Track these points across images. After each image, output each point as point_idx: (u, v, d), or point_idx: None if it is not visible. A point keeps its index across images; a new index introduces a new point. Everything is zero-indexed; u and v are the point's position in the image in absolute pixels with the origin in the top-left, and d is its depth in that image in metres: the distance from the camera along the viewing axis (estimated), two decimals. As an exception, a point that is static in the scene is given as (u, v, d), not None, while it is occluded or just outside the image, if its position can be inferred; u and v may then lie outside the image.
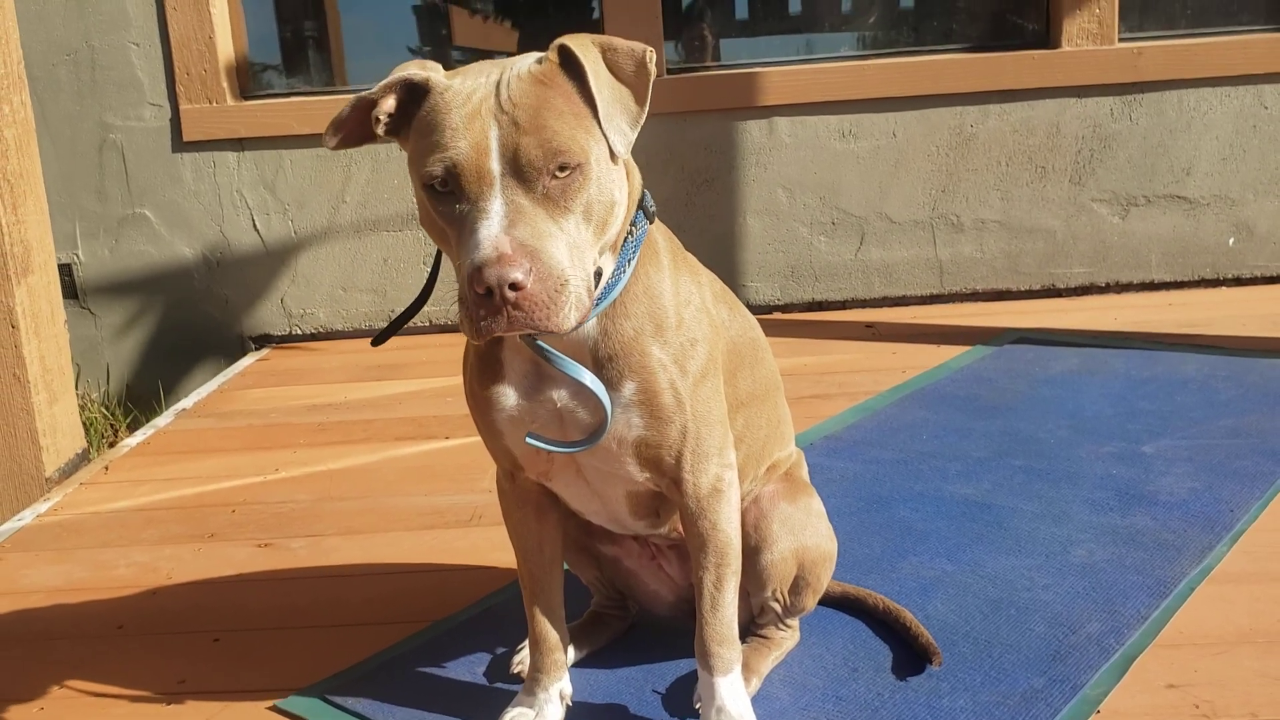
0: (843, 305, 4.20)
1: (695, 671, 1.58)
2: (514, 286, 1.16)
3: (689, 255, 1.53)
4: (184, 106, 4.07)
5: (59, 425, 2.95)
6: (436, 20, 4.48)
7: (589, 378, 1.37)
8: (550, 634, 1.60)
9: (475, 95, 1.23)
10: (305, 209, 4.17)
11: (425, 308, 4.36)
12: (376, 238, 4.18)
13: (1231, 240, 4.10)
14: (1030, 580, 1.97)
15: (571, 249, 1.21)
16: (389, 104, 1.30)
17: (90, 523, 2.58)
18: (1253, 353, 3.24)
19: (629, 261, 1.37)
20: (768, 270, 4.16)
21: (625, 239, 1.37)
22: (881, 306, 4.19)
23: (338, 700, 1.72)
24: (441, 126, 1.23)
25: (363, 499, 2.61)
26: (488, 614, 1.97)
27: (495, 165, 1.20)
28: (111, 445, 3.82)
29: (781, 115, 4.06)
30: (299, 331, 4.26)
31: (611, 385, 1.38)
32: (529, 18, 4.52)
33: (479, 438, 1.53)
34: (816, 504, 1.70)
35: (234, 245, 4.19)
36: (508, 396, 1.42)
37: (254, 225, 4.18)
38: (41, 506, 2.71)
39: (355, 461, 2.88)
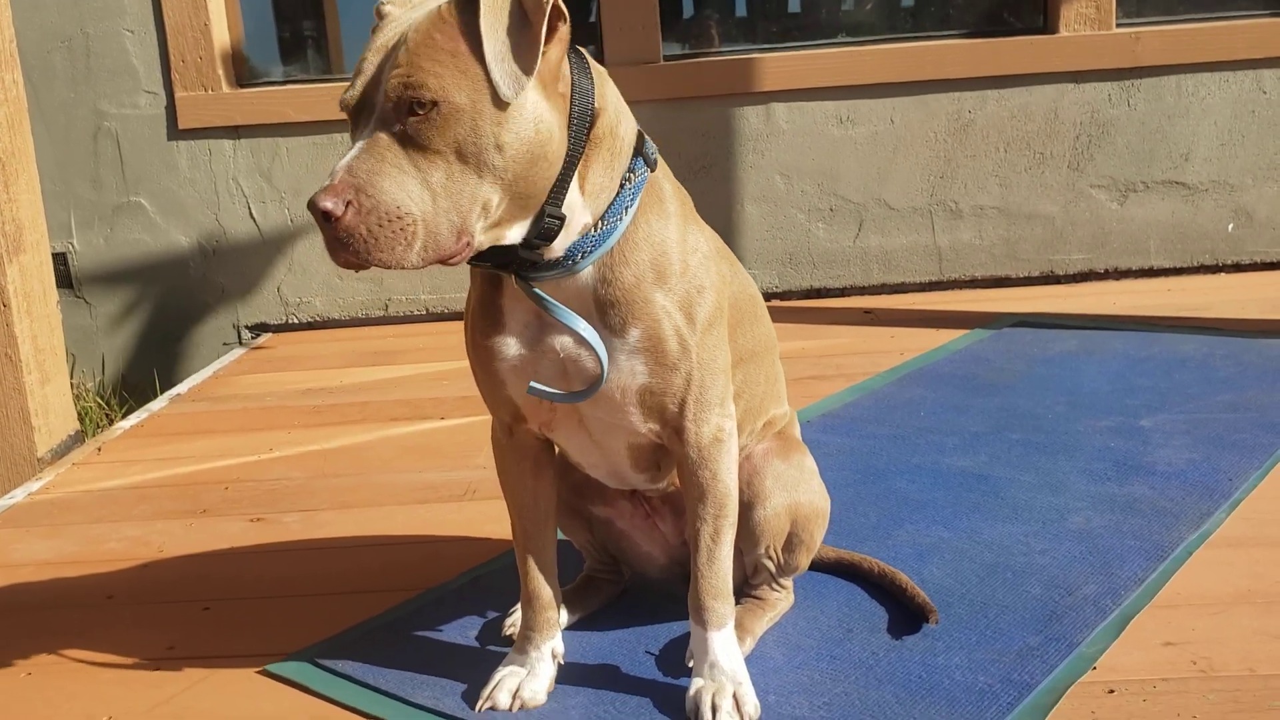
0: (841, 292, 4.19)
1: (688, 633, 1.56)
2: (327, 217, 1.17)
3: (692, 207, 1.52)
4: (179, 94, 4.07)
5: (51, 406, 2.94)
6: (434, 13, 4.46)
7: (584, 326, 1.36)
8: (543, 591, 1.59)
9: (393, 29, 1.25)
10: (301, 197, 4.15)
11: (421, 295, 4.33)
12: (373, 226, 4.16)
13: (1230, 226, 4.09)
14: (1027, 546, 1.95)
15: (429, 189, 1.20)
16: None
17: (82, 500, 2.57)
18: (1251, 333, 3.23)
19: (626, 209, 1.36)
20: (766, 257, 4.15)
21: (623, 185, 1.36)
22: (880, 293, 4.17)
23: (328, 663, 1.71)
24: (360, 59, 1.26)
25: (357, 476, 2.60)
26: (479, 582, 1.96)
27: (376, 98, 1.22)
28: (105, 431, 3.80)
29: (779, 101, 4.05)
30: (295, 320, 4.24)
31: (615, 332, 1.37)
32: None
33: (473, 418, 1.53)
34: (809, 461, 1.69)
35: (230, 233, 4.18)
36: (510, 345, 1.41)
37: (250, 213, 4.17)
38: (33, 485, 2.69)
39: (350, 441, 2.86)
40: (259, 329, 4.25)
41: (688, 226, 1.43)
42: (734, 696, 1.47)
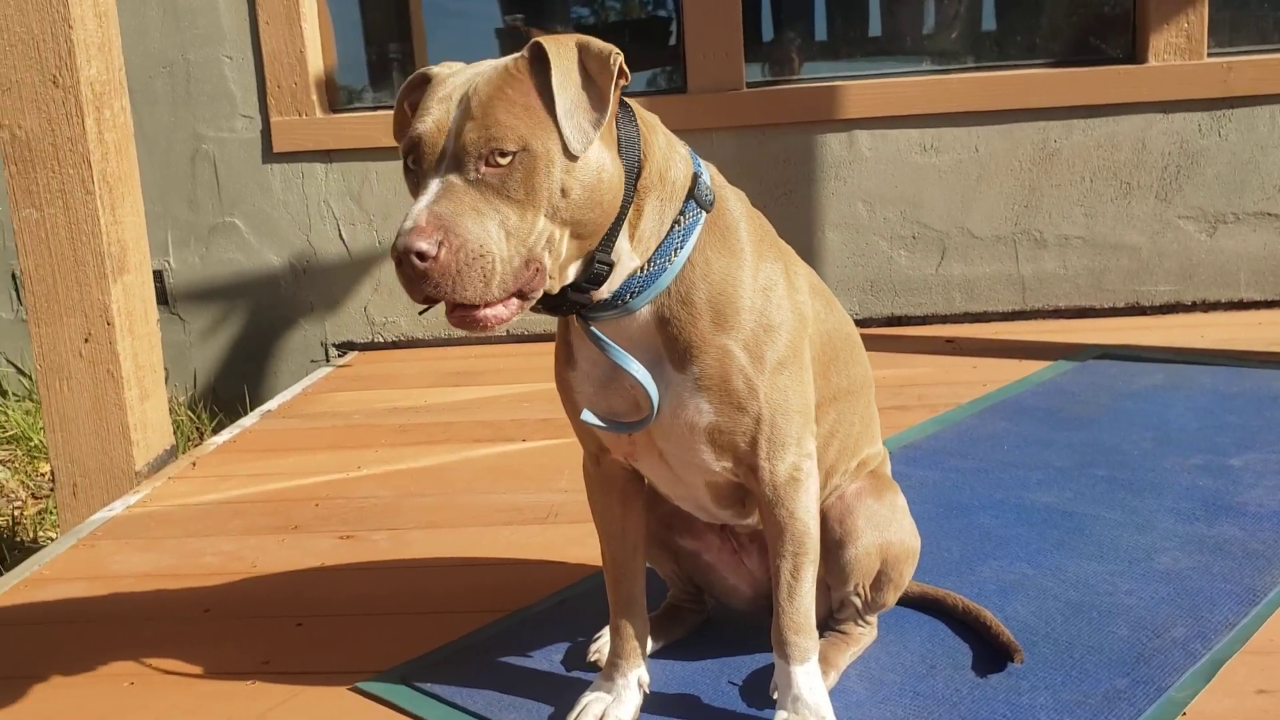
0: (923, 320, 4.17)
1: (772, 664, 1.58)
2: (420, 256, 1.21)
3: (783, 244, 1.54)
4: (274, 119, 4.19)
5: (149, 421, 3.04)
6: (518, 42, 4.53)
7: (635, 365, 1.40)
8: (631, 620, 1.61)
9: (455, 83, 1.31)
10: (389, 220, 4.25)
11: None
12: (457, 248, 4.24)
13: (1325, 259, 4.00)
14: (1113, 585, 1.94)
15: (504, 229, 1.26)
16: (415, 96, 1.38)
17: (178, 514, 2.65)
18: (1347, 370, 3.16)
19: (675, 250, 1.38)
20: (846, 284, 4.14)
21: (673, 227, 1.39)
22: (962, 322, 4.15)
23: (417, 682, 1.75)
24: (421, 108, 1.31)
25: (442, 496, 2.65)
26: (565, 605, 1.99)
27: (447, 145, 1.27)
28: (197, 446, 3.91)
29: (862, 128, 4.06)
30: (381, 339, 4.33)
31: (680, 369, 1.41)
32: (609, 41, 4.57)
33: (555, 441, 1.56)
34: (901, 500, 1.70)
35: (320, 254, 4.29)
36: (583, 379, 1.47)
37: (340, 235, 4.27)
38: (131, 498, 2.79)
39: (435, 461, 2.92)
40: (345, 347, 4.35)
41: (760, 263, 1.44)
42: None
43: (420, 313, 1.40)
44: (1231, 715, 1.56)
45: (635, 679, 1.62)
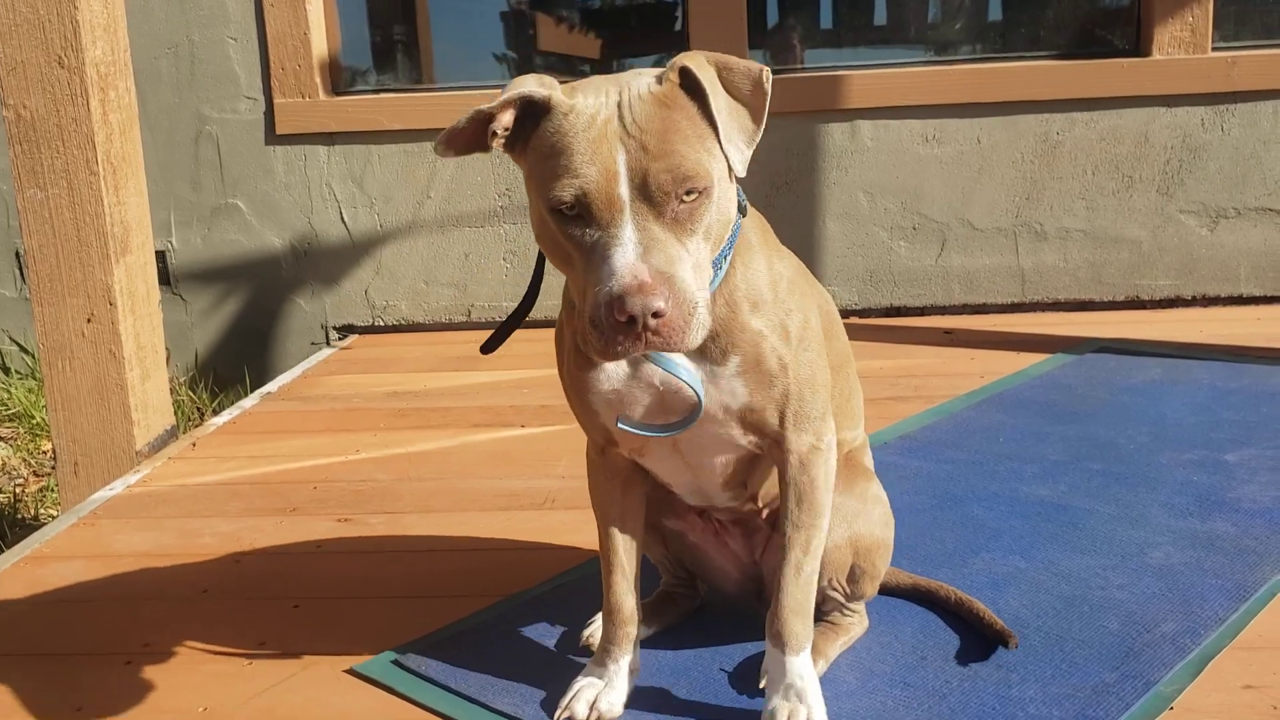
0: (921, 311, 4.18)
1: (762, 652, 1.59)
2: (655, 314, 1.19)
3: (772, 233, 1.56)
4: (278, 100, 4.19)
5: (150, 401, 3.05)
6: (524, 25, 4.54)
7: (684, 369, 1.42)
8: (625, 606, 1.63)
9: (599, 117, 1.25)
10: (391, 203, 4.25)
11: (503, 303, 4.40)
12: (459, 233, 4.25)
13: (1325, 255, 4.01)
14: (1105, 579, 1.95)
15: (695, 269, 1.26)
16: (507, 119, 1.32)
17: (177, 494, 2.67)
18: (1344, 368, 3.16)
19: (725, 258, 1.41)
20: (846, 274, 4.15)
21: None
22: (961, 314, 4.16)
23: (411, 665, 1.76)
24: (568, 150, 1.25)
25: (440, 480, 2.66)
26: (559, 590, 2.01)
27: (624, 190, 1.23)
28: (198, 426, 3.93)
29: (864, 119, 4.06)
30: (382, 323, 4.34)
31: (715, 361, 1.43)
32: (613, 26, 4.57)
33: (553, 427, 1.57)
34: (874, 489, 1.71)
35: (321, 237, 4.29)
36: (605, 380, 1.46)
37: (341, 218, 4.28)
38: (131, 478, 2.80)
39: (433, 445, 2.93)
40: (346, 330, 4.36)
41: (770, 256, 1.49)
42: None
43: (484, 350, 1.40)
44: (1218, 710, 1.57)
45: (627, 664, 1.63)
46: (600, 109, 1.26)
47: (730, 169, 1.31)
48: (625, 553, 1.63)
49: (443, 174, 4.21)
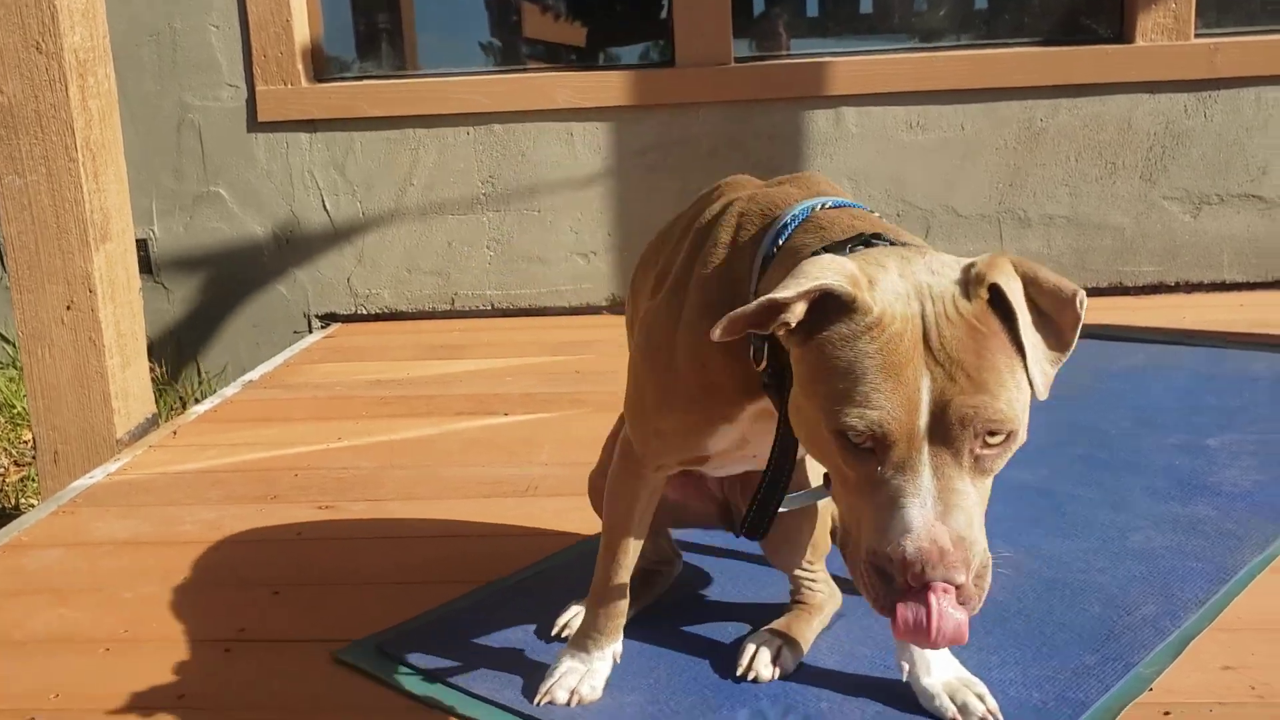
0: (905, 299, 4.17)
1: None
2: (952, 585, 1.08)
3: None
4: (260, 88, 4.16)
5: (130, 389, 3.03)
6: (508, 12, 4.52)
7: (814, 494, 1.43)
8: (619, 599, 1.63)
9: (905, 335, 1.10)
10: (373, 191, 4.23)
11: (487, 291, 4.39)
12: (441, 221, 4.24)
13: (1307, 242, 4.02)
14: (1086, 563, 1.95)
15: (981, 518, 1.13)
16: (800, 311, 1.14)
17: (158, 482, 2.65)
18: (1326, 353, 3.18)
19: None
20: (830, 262, 4.14)
21: None
22: (944, 301, 4.15)
23: (392, 650, 1.75)
24: (866, 372, 1.10)
25: (422, 468, 2.65)
26: (541, 576, 2.00)
27: (923, 424, 1.09)
28: (179, 414, 3.91)
29: (849, 105, 4.05)
30: (364, 311, 4.33)
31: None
32: (599, 13, 4.55)
33: (536, 415, 1.56)
34: None
35: (304, 225, 4.27)
36: (727, 439, 1.45)
37: (323, 205, 4.26)
38: (112, 466, 2.78)
39: (416, 434, 2.92)
40: (329, 319, 4.34)
41: None
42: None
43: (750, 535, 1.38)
44: (1197, 690, 1.58)
45: (611, 652, 1.64)
46: (905, 324, 1.10)
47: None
48: (634, 551, 1.62)
49: (425, 161, 4.19)
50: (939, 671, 1.56)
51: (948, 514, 1.08)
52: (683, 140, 4.10)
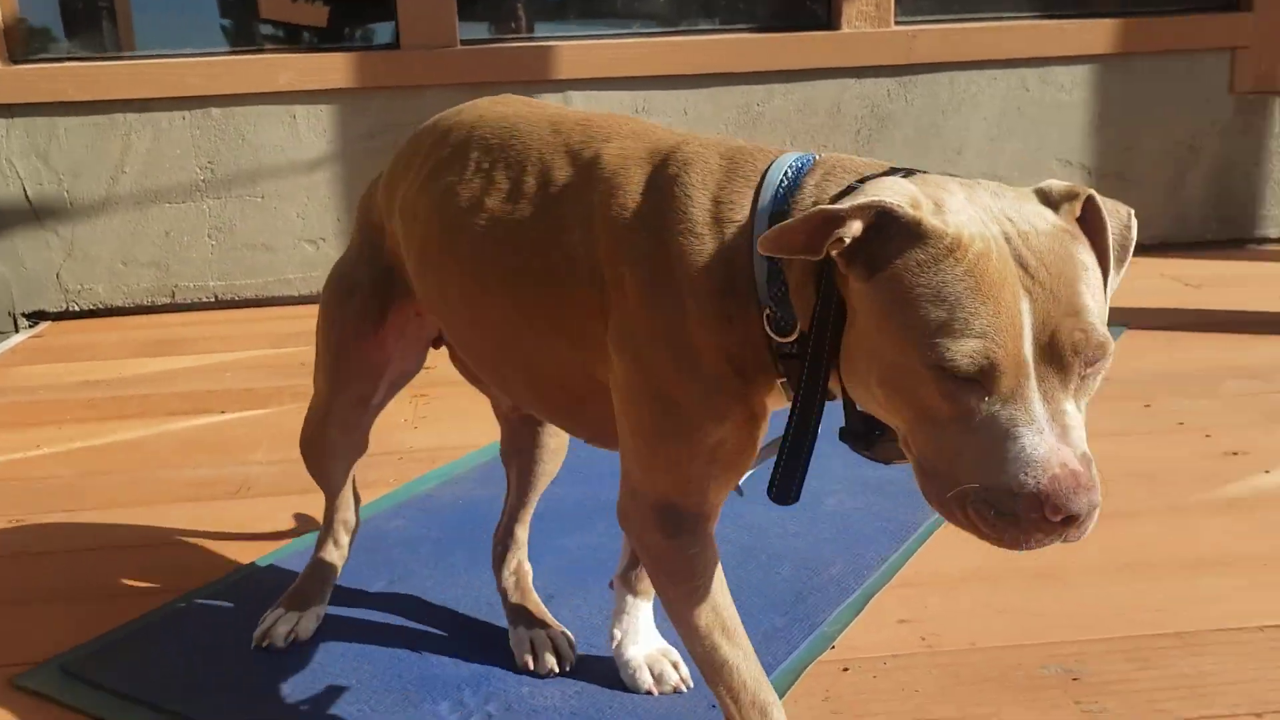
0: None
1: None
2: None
3: None
4: (-57, 69, 3.83)
5: None
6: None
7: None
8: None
9: (991, 255, 1.01)
10: (81, 179, 3.98)
11: (210, 282, 4.20)
12: (158, 210, 4.03)
13: (1001, 216, 4.33)
14: (783, 528, 2.06)
15: None
16: (856, 228, 1.04)
17: None
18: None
19: None
20: (564, 244, 4.18)
21: None
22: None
23: (78, 671, 1.67)
24: (956, 295, 1.00)
25: (128, 473, 2.52)
26: (242, 582, 1.94)
27: (1029, 350, 1.00)
28: None
29: (576, 89, 4.09)
30: (77, 308, 4.07)
31: None
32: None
33: (253, 411, 1.52)
34: None
35: (5, 216, 3.97)
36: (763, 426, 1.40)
37: (25, 196, 3.97)
38: None
39: (125, 436, 2.78)
40: (36, 317, 4.06)
41: None
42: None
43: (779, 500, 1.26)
44: (874, 645, 1.69)
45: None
46: (989, 244, 1.02)
47: None
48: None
49: (138, 147, 3.97)
50: (645, 643, 1.62)
51: (1065, 436, 1.00)
52: (410, 123, 4.04)
